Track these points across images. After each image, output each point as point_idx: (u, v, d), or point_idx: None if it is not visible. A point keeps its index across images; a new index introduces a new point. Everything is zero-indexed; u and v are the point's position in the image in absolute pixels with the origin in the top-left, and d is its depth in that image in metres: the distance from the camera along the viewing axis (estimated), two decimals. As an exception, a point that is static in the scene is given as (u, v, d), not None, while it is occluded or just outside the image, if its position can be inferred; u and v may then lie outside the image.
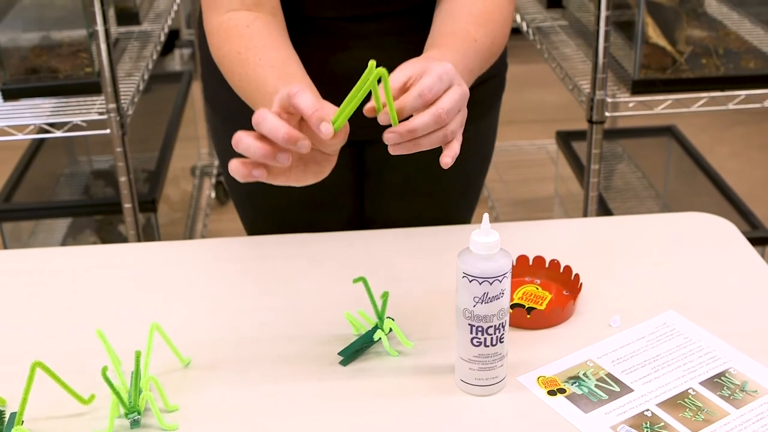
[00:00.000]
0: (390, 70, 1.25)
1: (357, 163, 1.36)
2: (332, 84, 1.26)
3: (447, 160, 0.94)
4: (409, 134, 0.93)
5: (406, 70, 0.97)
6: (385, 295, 1.04)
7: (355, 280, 1.04)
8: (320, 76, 1.25)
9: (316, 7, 1.21)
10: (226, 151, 1.38)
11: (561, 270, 1.15)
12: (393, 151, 0.94)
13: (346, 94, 1.24)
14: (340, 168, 1.35)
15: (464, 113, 0.97)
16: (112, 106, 1.80)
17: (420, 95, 0.93)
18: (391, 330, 1.04)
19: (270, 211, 1.38)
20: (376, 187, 1.38)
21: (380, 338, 1.03)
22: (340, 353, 1.03)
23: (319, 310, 1.11)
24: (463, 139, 0.98)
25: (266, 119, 0.89)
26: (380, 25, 1.23)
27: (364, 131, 1.35)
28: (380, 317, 1.04)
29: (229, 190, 1.46)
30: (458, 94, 0.95)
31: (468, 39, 1.10)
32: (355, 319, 1.06)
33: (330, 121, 0.90)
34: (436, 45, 1.09)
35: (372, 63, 0.89)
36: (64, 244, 2.45)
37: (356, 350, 1.03)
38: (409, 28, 1.24)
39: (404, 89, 0.95)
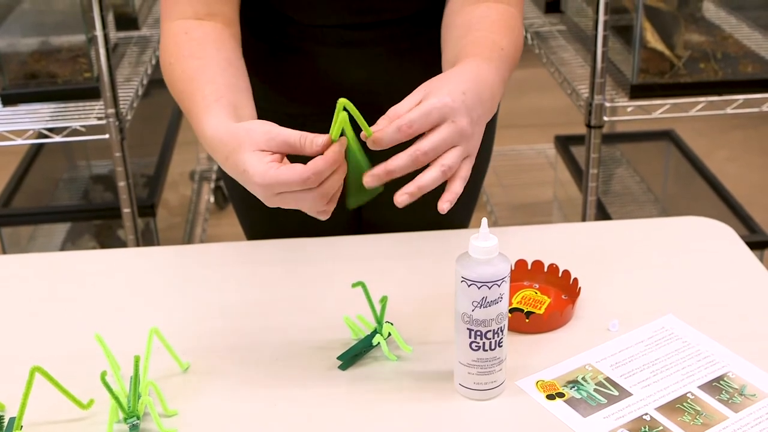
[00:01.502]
0: (389, 77, 1.26)
1: None
2: (331, 91, 1.26)
3: (444, 206, 0.90)
4: (387, 175, 0.90)
5: (416, 94, 0.93)
6: (383, 300, 1.04)
7: (354, 285, 1.04)
8: (318, 85, 1.26)
9: (315, 15, 1.21)
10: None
11: (560, 274, 1.15)
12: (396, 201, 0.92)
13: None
14: None
15: (462, 150, 0.92)
16: (111, 111, 1.80)
17: (398, 129, 0.89)
18: (390, 334, 1.04)
19: (269, 214, 1.38)
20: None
21: (379, 343, 1.03)
22: (338, 358, 1.03)
23: (318, 315, 1.11)
24: None
25: (280, 174, 0.88)
26: (379, 33, 1.23)
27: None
28: (379, 322, 1.04)
29: (228, 194, 1.46)
30: (446, 132, 0.90)
31: (495, 48, 1.05)
32: (354, 323, 1.06)
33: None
34: (465, 55, 1.03)
35: (341, 101, 0.87)
36: (63, 249, 2.45)
37: (355, 355, 1.03)
38: (409, 36, 1.24)
39: None
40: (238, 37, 1.15)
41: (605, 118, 1.87)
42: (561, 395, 0.97)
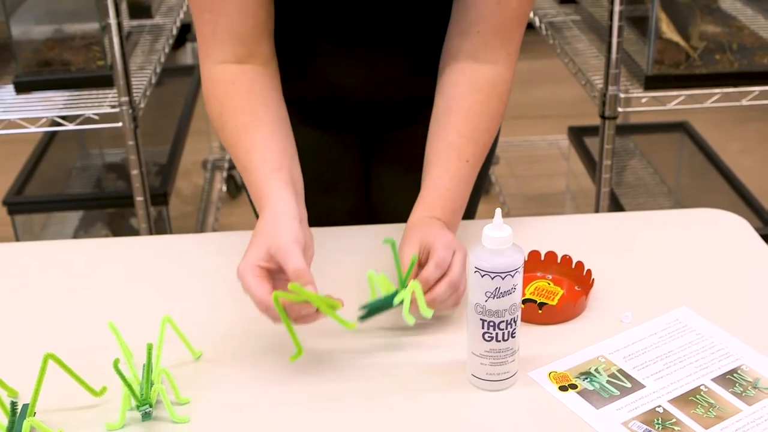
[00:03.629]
0: (387, 77, 1.25)
1: (362, 150, 1.37)
2: (326, 87, 1.27)
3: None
4: (432, 303, 1.01)
5: (413, 246, 1.05)
6: (413, 259, 1.03)
7: (385, 241, 1.03)
8: (314, 79, 1.26)
9: (318, 15, 1.20)
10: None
11: (573, 265, 1.15)
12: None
13: (348, 102, 1.25)
14: (346, 154, 1.36)
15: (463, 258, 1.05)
16: (125, 99, 1.81)
17: (437, 266, 1.01)
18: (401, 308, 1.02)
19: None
20: (382, 175, 1.38)
21: (401, 301, 1.01)
22: (361, 307, 1.02)
23: (331, 304, 1.11)
24: None
25: (251, 284, 0.98)
26: (378, 34, 1.22)
27: (370, 120, 1.35)
28: (402, 283, 1.03)
29: (242, 183, 1.47)
30: (461, 260, 1.03)
31: (461, 162, 1.13)
32: (378, 278, 1.05)
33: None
34: (436, 173, 1.13)
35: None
36: (75, 237, 2.46)
37: (377, 308, 1.02)
38: (416, 37, 1.23)
39: (420, 264, 1.04)
40: (277, 76, 1.18)
41: (619, 109, 1.86)
42: (574, 387, 0.97)
